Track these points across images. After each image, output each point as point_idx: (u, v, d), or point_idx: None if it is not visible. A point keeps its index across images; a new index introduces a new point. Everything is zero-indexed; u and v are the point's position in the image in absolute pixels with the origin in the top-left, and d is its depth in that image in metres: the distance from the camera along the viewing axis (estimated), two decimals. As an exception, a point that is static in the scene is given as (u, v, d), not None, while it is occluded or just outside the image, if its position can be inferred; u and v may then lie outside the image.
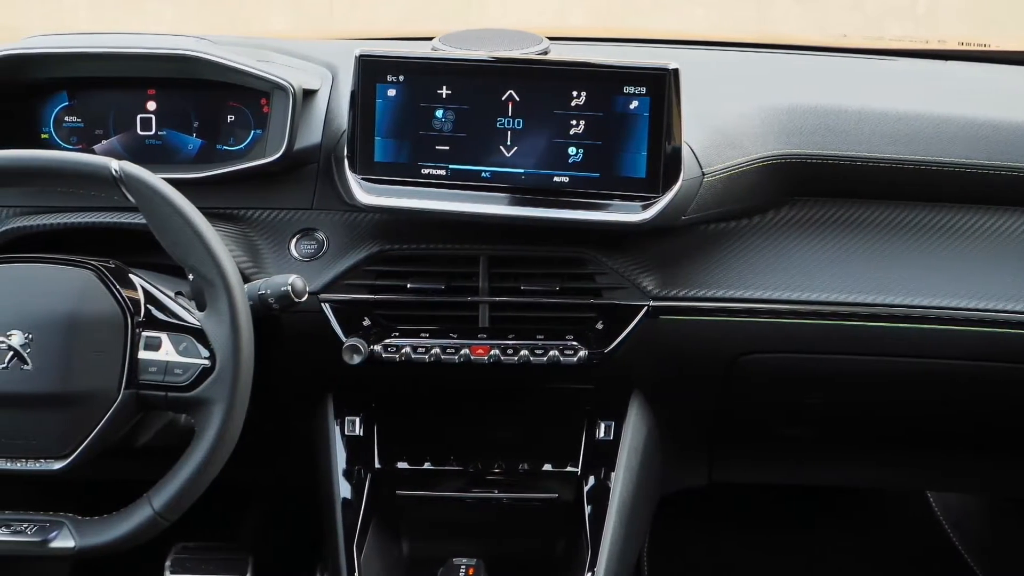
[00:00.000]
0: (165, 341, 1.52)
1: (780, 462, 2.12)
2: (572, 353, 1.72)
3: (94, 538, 1.52)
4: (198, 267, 1.51)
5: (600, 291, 1.75)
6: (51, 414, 1.51)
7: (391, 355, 1.74)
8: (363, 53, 1.69)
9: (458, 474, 1.83)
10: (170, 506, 1.51)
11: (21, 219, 1.79)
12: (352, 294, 1.76)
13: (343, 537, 1.75)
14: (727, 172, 1.71)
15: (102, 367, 1.50)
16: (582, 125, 1.67)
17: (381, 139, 1.71)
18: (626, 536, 1.76)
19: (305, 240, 1.80)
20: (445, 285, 1.75)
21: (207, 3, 5.86)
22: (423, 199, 1.71)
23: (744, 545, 2.42)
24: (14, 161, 1.53)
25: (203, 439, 1.51)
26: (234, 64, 1.76)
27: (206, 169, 1.80)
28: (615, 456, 1.80)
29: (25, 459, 1.52)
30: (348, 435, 1.83)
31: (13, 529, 1.53)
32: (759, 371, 1.80)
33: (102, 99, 1.90)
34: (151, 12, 5.75)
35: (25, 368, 1.49)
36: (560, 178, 1.68)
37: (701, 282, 1.75)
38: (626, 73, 1.64)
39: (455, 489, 1.84)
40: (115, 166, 1.50)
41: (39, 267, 1.54)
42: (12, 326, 1.49)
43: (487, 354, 1.73)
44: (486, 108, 1.68)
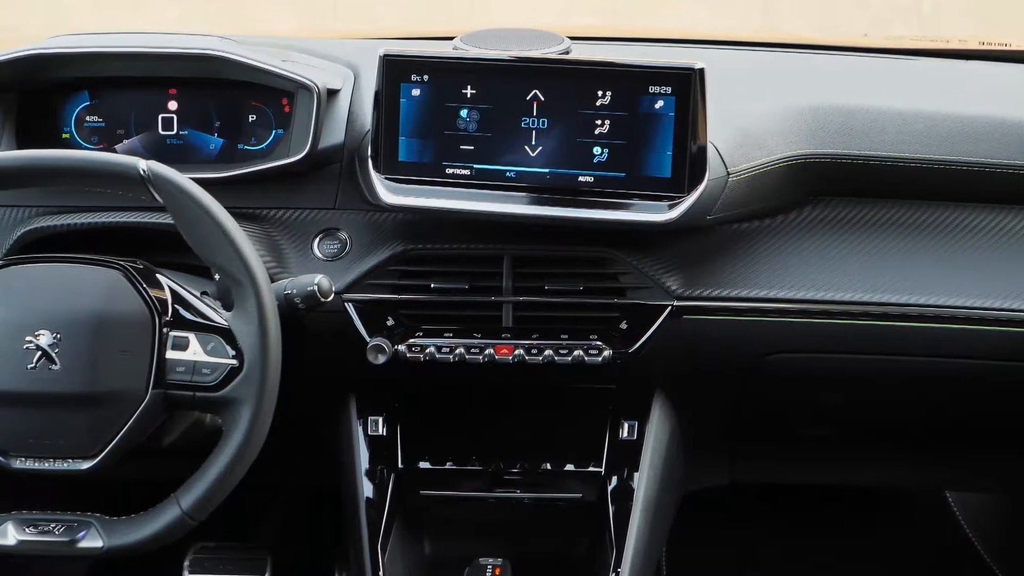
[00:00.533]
0: (193, 341, 1.52)
1: (801, 462, 2.12)
2: (596, 353, 1.72)
3: (122, 538, 1.52)
4: (226, 267, 1.51)
5: (624, 291, 1.75)
6: (79, 414, 1.50)
7: (415, 355, 1.74)
8: (387, 53, 1.69)
9: (481, 474, 1.83)
10: (198, 506, 1.51)
11: (43, 219, 1.78)
12: (376, 294, 1.76)
13: (367, 537, 1.75)
14: (752, 172, 1.71)
15: (130, 367, 1.50)
16: (607, 125, 1.67)
17: (405, 139, 1.71)
18: (650, 536, 1.76)
19: (328, 240, 1.80)
20: (469, 285, 1.75)
21: (211, 2, 5.86)
22: (447, 199, 1.71)
23: (761, 544, 2.42)
24: (42, 160, 1.53)
25: (231, 439, 1.51)
26: (259, 64, 1.76)
27: (229, 169, 1.80)
28: (638, 456, 1.80)
29: (53, 459, 1.52)
30: (371, 435, 1.83)
31: (41, 529, 1.53)
32: (782, 371, 1.80)
33: (123, 99, 1.90)
34: (154, 11, 5.75)
35: (53, 368, 1.49)
36: (585, 178, 1.68)
37: (724, 282, 1.75)
38: (652, 73, 1.64)
39: (478, 489, 1.83)
40: (143, 166, 1.50)
41: (67, 267, 1.54)
42: (40, 326, 1.49)
43: (511, 354, 1.73)
44: (511, 108, 1.68)
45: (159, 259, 1.66)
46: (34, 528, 1.53)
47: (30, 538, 1.53)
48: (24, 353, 1.49)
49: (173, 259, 1.69)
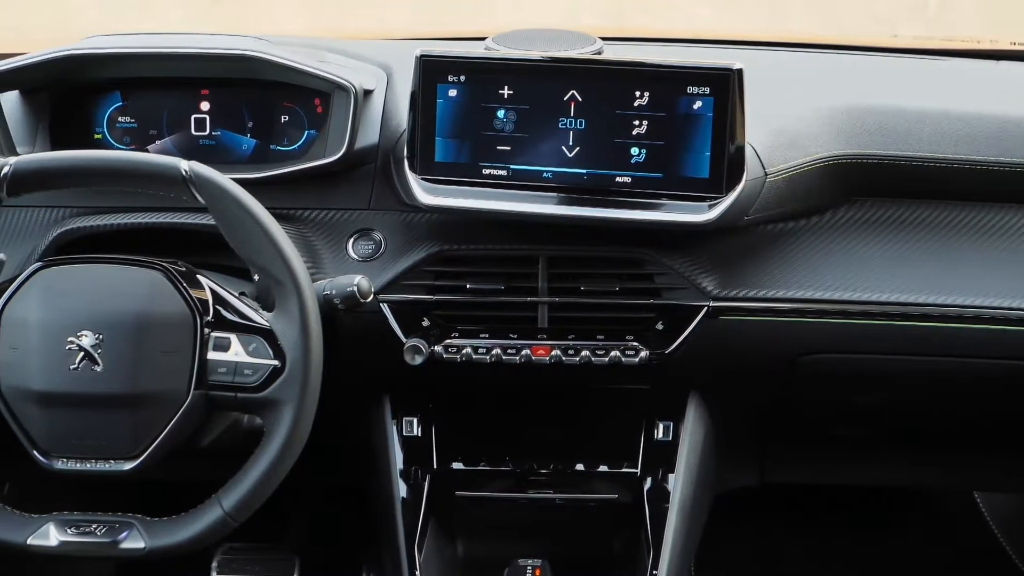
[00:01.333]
0: (234, 342, 1.51)
1: (832, 462, 2.12)
2: (633, 353, 1.72)
3: (164, 539, 1.52)
4: (268, 268, 1.51)
5: (659, 291, 1.75)
6: (121, 415, 1.50)
7: (452, 355, 1.74)
8: (424, 53, 1.69)
9: (516, 475, 1.83)
10: (240, 507, 1.51)
11: (78, 220, 1.78)
12: (411, 294, 1.76)
13: (403, 538, 1.75)
14: (789, 172, 1.72)
15: (172, 368, 1.50)
16: (645, 125, 1.67)
17: (441, 139, 1.71)
18: (686, 537, 1.76)
19: (363, 240, 1.79)
20: (504, 286, 1.75)
21: (218, 3, 5.85)
22: (484, 199, 1.71)
23: (787, 544, 2.42)
24: (85, 161, 1.53)
25: (273, 440, 1.50)
26: (296, 64, 1.76)
27: (264, 169, 1.80)
28: (674, 457, 1.80)
29: (95, 460, 1.52)
30: (406, 436, 1.82)
31: (82, 530, 1.53)
32: (817, 371, 1.80)
33: (155, 99, 1.90)
34: (160, 11, 5.74)
35: (96, 369, 1.49)
36: (622, 178, 1.68)
37: (761, 282, 1.75)
38: (690, 73, 1.64)
39: (513, 490, 1.83)
40: (185, 166, 1.50)
41: (108, 267, 1.54)
42: (83, 327, 1.49)
43: (548, 354, 1.73)
44: (548, 108, 1.68)
45: (193, 260, 1.66)
46: (75, 529, 1.53)
47: (72, 539, 1.53)
48: (67, 354, 1.49)
49: (207, 260, 1.69)
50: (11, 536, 1.52)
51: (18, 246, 1.78)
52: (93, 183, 1.55)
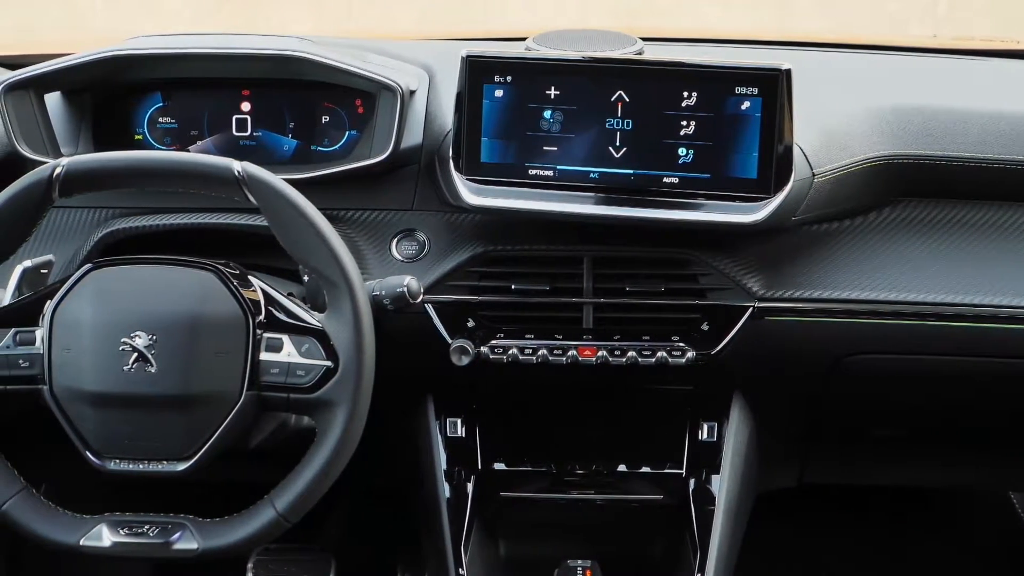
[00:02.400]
0: (286, 342, 1.51)
1: (872, 463, 2.13)
2: (680, 354, 1.72)
3: (217, 540, 1.51)
4: (320, 268, 1.51)
5: (704, 292, 1.75)
6: (174, 416, 1.50)
7: (498, 356, 1.73)
8: (470, 54, 1.68)
9: (560, 476, 1.83)
10: (293, 507, 1.51)
11: (122, 221, 1.78)
12: (456, 295, 1.76)
13: (450, 539, 1.75)
14: (836, 173, 1.72)
15: (224, 369, 1.50)
16: (693, 126, 1.67)
17: (488, 140, 1.71)
18: (732, 538, 1.76)
19: (406, 241, 1.79)
20: (549, 286, 1.75)
21: (226, 2, 5.85)
22: (530, 200, 1.71)
23: (825, 544, 2.42)
24: (138, 161, 1.53)
25: (326, 441, 1.50)
26: (341, 65, 1.76)
27: (308, 169, 1.79)
28: (718, 457, 1.80)
29: (147, 461, 1.51)
30: (450, 436, 1.82)
31: (134, 531, 1.53)
32: (861, 372, 1.80)
33: (196, 100, 1.90)
34: (169, 11, 5.74)
35: (149, 370, 1.48)
36: (670, 179, 1.68)
37: (806, 283, 1.75)
38: (738, 74, 1.64)
39: (558, 491, 1.83)
40: (237, 167, 1.50)
41: (160, 268, 1.54)
42: (136, 327, 1.49)
43: (595, 355, 1.73)
44: (595, 109, 1.68)
45: (238, 261, 1.66)
46: (127, 530, 1.53)
47: (124, 540, 1.52)
48: (120, 355, 1.49)
49: (251, 260, 1.69)
50: (64, 537, 1.51)
51: (63, 247, 1.77)
52: (145, 184, 1.54)
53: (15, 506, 1.52)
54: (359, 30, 4.52)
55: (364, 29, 5.17)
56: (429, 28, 5.31)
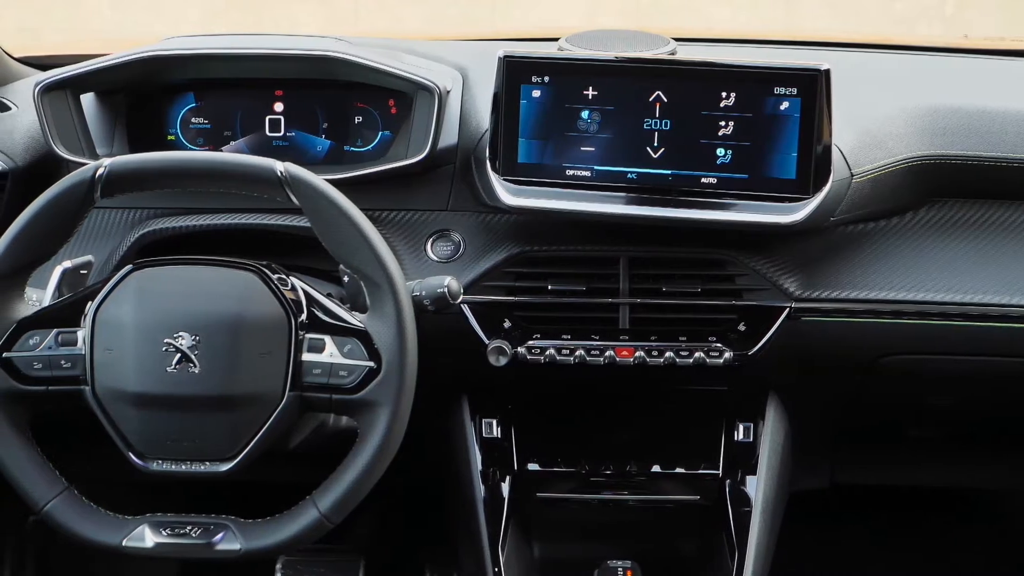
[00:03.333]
0: (328, 343, 1.51)
1: (905, 463, 2.13)
2: (718, 355, 1.72)
3: (260, 540, 1.51)
4: (363, 269, 1.51)
5: (740, 292, 1.75)
6: (217, 416, 1.50)
7: (535, 357, 1.73)
8: (507, 54, 1.68)
9: (597, 477, 1.83)
10: (336, 508, 1.51)
11: (158, 221, 1.78)
12: (492, 295, 1.76)
13: (487, 540, 1.75)
14: (874, 173, 1.72)
15: (267, 369, 1.50)
16: (731, 126, 1.67)
17: (525, 140, 1.71)
18: (768, 538, 1.76)
19: (442, 241, 1.79)
20: (586, 287, 1.75)
21: (233, 3, 5.85)
22: (567, 200, 1.71)
23: (856, 544, 2.42)
24: (180, 162, 1.53)
25: (369, 441, 1.50)
26: (378, 65, 1.76)
27: (344, 170, 1.79)
28: (753, 458, 1.80)
29: (191, 461, 1.51)
30: (486, 437, 1.82)
31: (176, 531, 1.53)
32: (897, 372, 1.80)
33: (229, 100, 1.89)
34: (175, 12, 5.75)
35: (193, 370, 1.48)
36: (708, 179, 1.68)
37: (842, 283, 1.75)
38: (777, 74, 1.64)
39: (594, 492, 1.83)
40: (280, 167, 1.50)
41: (202, 268, 1.53)
42: (179, 328, 1.49)
43: (632, 356, 1.73)
44: (633, 109, 1.68)
45: (274, 261, 1.65)
46: (170, 530, 1.53)
47: (167, 540, 1.52)
48: (163, 355, 1.48)
49: (287, 261, 1.69)
50: (106, 538, 1.51)
51: (98, 247, 1.77)
52: (187, 184, 1.54)
53: (57, 507, 1.52)
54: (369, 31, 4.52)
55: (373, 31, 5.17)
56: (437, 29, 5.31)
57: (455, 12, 5.74)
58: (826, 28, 5.79)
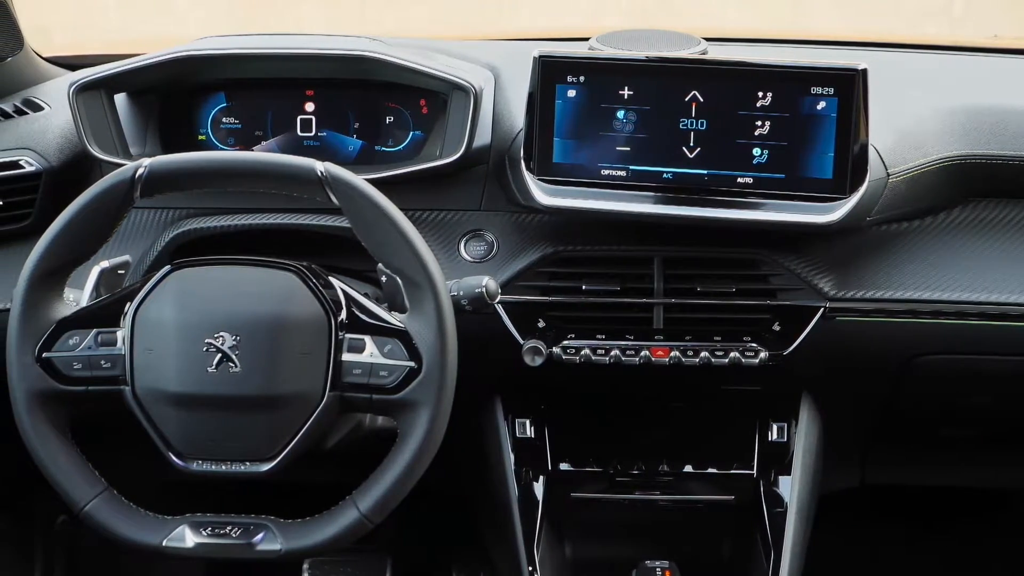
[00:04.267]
0: (369, 343, 1.51)
1: (937, 463, 2.12)
2: (753, 355, 1.72)
3: (300, 540, 1.51)
4: (404, 269, 1.50)
5: (774, 292, 1.75)
6: (258, 416, 1.50)
7: (571, 357, 1.73)
8: (542, 54, 1.68)
9: (631, 477, 1.83)
10: (377, 508, 1.50)
11: (193, 221, 1.78)
12: (526, 295, 1.76)
13: (522, 540, 1.74)
14: (910, 173, 1.72)
15: (307, 369, 1.49)
16: (767, 126, 1.66)
17: (560, 140, 1.70)
18: (803, 538, 1.76)
19: (475, 241, 1.79)
20: (620, 287, 1.75)
21: (238, 2, 5.84)
22: (603, 200, 1.71)
23: (888, 543, 2.41)
24: (221, 162, 1.52)
25: (409, 441, 1.50)
26: (413, 65, 1.76)
27: (380, 170, 1.79)
28: (787, 458, 1.80)
29: (231, 462, 1.51)
30: (520, 437, 1.82)
31: (216, 531, 1.52)
32: (931, 372, 1.80)
33: (260, 100, 1.89)
34: (181, 11, 5.74)
35: (234, 370, 1.48)
36: (744, 179, 1.68)
37: (877, 283, 1.75)
38: (814, 74, 1.64)
39: (628, 492, 1.83)
40: (320, 168, 1.49)
41: (242, 269, 1.53)
42: (220, 328, 1.48)
43: (667, 356, 1.73)
44: (669, 109, 1.68)
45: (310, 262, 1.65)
46: (209, 530, 1.52)
47: (207, 540, 1.52)
48: (204, 355, 1.48)
49: (319, 262, 1.68)
50: (147, 538, 1.51)
51: (132, 247, 1.77)
52: (228, 184, 1.53)
53: (97, 507, 1.52)
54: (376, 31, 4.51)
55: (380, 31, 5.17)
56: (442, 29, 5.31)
57: (461, 11, 5.73)
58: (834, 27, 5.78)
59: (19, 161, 1.78)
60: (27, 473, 1.82)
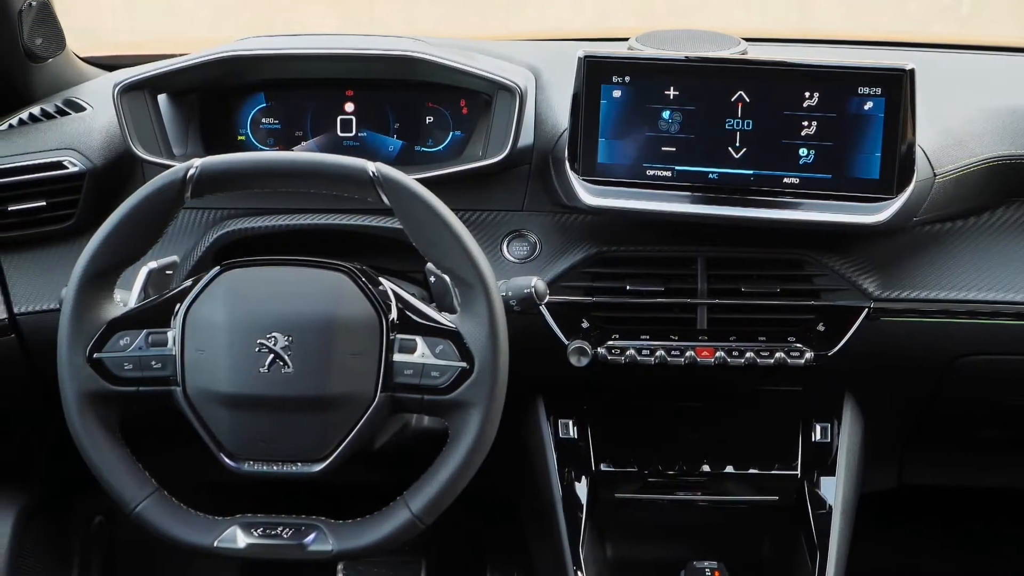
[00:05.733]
0: (420, 344, 1.50)
1: (975, 464, 2.12)
2: (799, 355, 1.72)
3: (352, 541, 1.51)
4: (456, 269, 1.50)
5: (818, 292, 1.75)
6: (310, 417, 1.49)
7: (616, 357, 1.73)
8: (588, 54, 1.68)
9: (675, 477, 1.83)
10: (428, 509, 1.50)
11: (235, 222, 1.78)
12: (569, 296, 1.75)
13: (567, 540, 1.74)
14: (956, 173, 1.72)
15: (359, 370, 1.49)
16: (814, 126, 1.66)
17: (605, 140, 1.70)
18: (848, 539, 1.76)
19: (518, 242, 1.79)
20: (664, 287, 1.74)
21: (246, 2, 5.83)
22: (648, 200, 1.70)
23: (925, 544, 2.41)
24: (272, 162, 1.52)
25: (461, 442, 1.49)
26: (458, 65, 1.75)
27: (423, 170, 1.78)
28: (830, 458, 1.80)
29: (283, 463, 1.51)
30: (563, 438, 1.82)
31: (267, 532, 1.52)
32: (974, 373, 1.80)
33: (300, 100, 1.89)
34: (188, 11, 5.73)
35: (286, 371, 1.47)
36: (790, 179, 1.68)
37: (921, 283, 1.75)
38: (862, 74, 1.64)
39: (672, 492, 1.83)
40: (372, 168, 1.49)
41: (292, 269, 1.53)
42: (272, 328, 1.48)
43: (713, 356, 1.73)
44: (715, 109, 1.68)
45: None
46: (261, 531, 1.52)
47: (258, 541, 1.51)
48: (256, 356, 1.48)
49: (364, 262, 1.68)
50: (199, 539, 1.50)
51: (175, 248, 1.76)
52: (278, 184, 1.53)
53: (148, 508, 1.51)
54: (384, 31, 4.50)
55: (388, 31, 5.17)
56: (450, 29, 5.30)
57: (469, 12, 5.73)
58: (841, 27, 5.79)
59: (63, 161, 1.77)
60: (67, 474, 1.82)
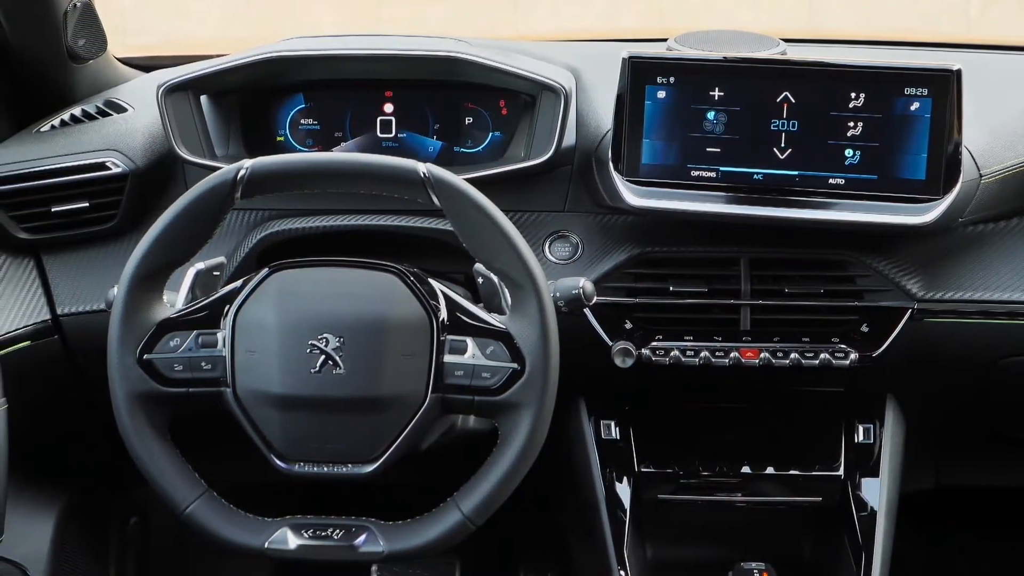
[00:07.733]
0: (470, 345, 1.50)
1: (1011, 465, 2.12)
2: (843, 356, 1.72)
3: (403, 542, 1.50)
4: (506, 270, 1.49)
5: (861, 293, 1.75)
6: (362, 418, 1.49)
7: (660, 358, 1.73)
8: (632, 55, 1.68)
9: (716, 478, 1.82)
10: (479, 510, 1.50)
11: (278, 223, 1.77)
12: (613, 297, 1.75)
13: (612, 541, 1.74)
14: (1002, 174, 1.72)
15: (410, 371, 1.49)
16: (860, 127, 1.66)
17: (649, 141, 1.70)
18: (891, 539, 1.76)
19: (559, 242, 1.79)
20: (707, 288, 1.74)
21: (254, 2, 5.83)
22: (693, 201, 1.70)
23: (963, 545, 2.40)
24: (323, 163, 1.51)
25: (512, 443, 1.49)
26: (502, 66, 1.75)
27: (465, 171, 1.78)
28: (873, 459, 1.80)
29: (334, 464, 1.50)
30: (604, 438, 1.82)
31: (317, 533, 1.51)
32: (1017, 373, 1.79)
33: (339, 101, 1.89)
34: (196, 12, 5.73)
35: (338, 372, 1.47)
36: (836, 180, 1.68)
37: (964, 284, 1.75)
38: (909, 74, 1.64)
39: (713, 493, 1.83)
40: (423, 169, 1.49)
41: (342, 270, 1.52)
42: (323, 329, 1.48)
43: (757, 357, 1.72)
44: (760, 110, 1.68)
45: None
46: (311, 532, 1.52)
47: (309, 543, 1.51)
48: (307, 357, 1.47)
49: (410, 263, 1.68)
50: (249, 540, 1.50)
51: (217, 250, 1.76)
52: (329, 185, 1.52)
53: (199, 509, 1.51)
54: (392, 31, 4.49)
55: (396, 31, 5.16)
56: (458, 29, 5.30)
57: (477, 12, 5.72)
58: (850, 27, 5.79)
59: (106, 163, 1.77)
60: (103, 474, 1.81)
